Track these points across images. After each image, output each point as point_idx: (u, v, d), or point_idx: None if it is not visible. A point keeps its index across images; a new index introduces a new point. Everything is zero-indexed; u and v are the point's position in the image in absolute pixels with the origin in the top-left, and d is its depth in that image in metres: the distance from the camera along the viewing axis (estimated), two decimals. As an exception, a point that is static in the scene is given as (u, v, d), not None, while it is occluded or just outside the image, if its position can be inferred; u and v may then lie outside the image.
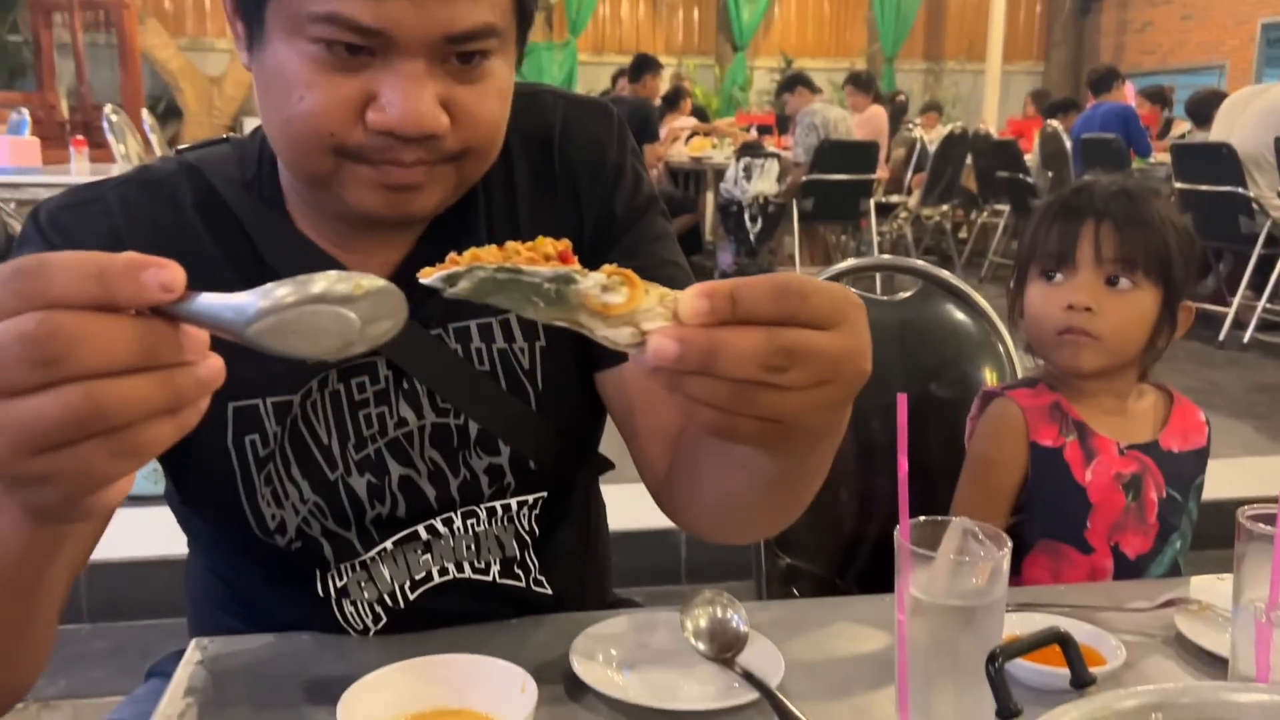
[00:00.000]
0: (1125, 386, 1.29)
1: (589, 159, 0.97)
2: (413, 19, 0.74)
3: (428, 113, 0.76)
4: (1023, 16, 15.41)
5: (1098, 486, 1.24)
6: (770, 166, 6.66)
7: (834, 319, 0.53)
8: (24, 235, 0.87)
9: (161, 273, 0.46)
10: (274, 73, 0.77)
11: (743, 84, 13.84)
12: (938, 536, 0.77)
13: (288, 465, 0.89)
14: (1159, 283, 1.23)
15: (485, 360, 0.93)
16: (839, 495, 1.46)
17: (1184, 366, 5.23)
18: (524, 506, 0.97)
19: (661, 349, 0.51)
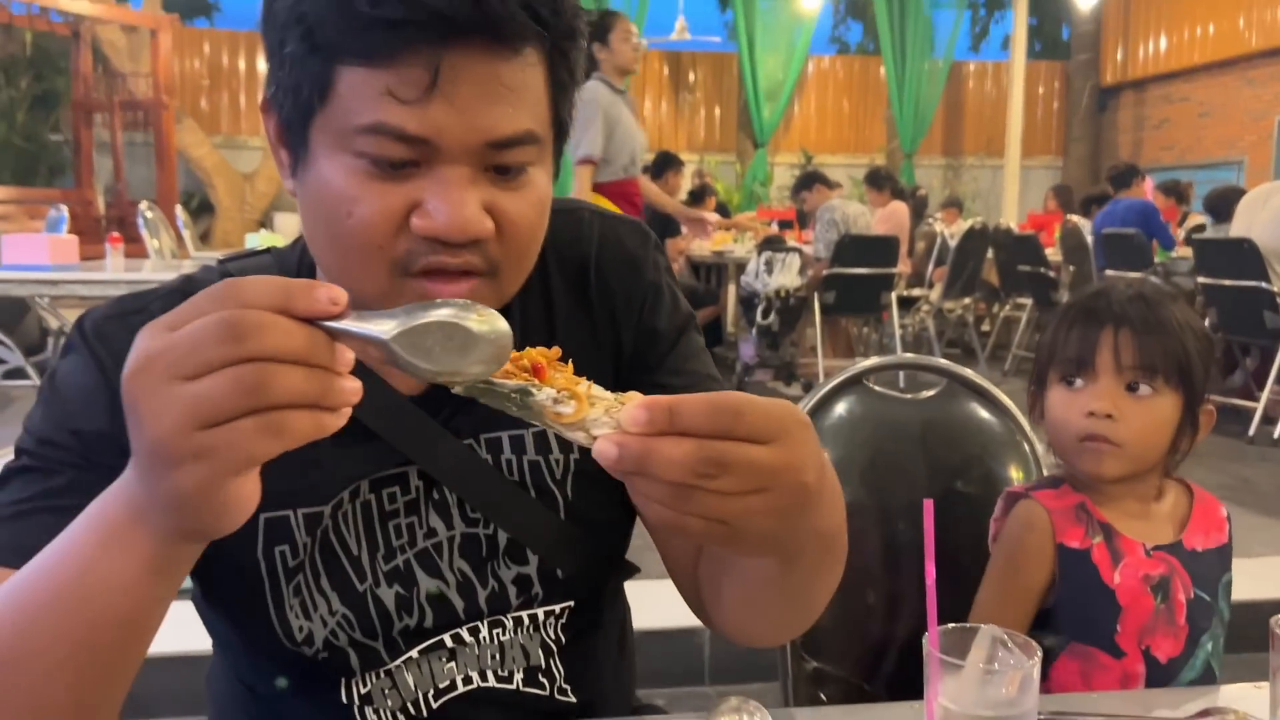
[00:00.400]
0: (1148, 490, 1.29)
1: (626, 280, 0.99)
2: (456, 126, 0.75)
3: (472, 217, 0.77)
4: (1040, 113, 15.65)
5: (1127, 589, 1.22)
6: (791, 260, 6.71)
7: (772, 434, 0.59)
8: (69, 344, 0.89)
9: (332, 290, 0.57)
10: (320, 192, 0.79)
11: (763, 179, 14.05)
12: (967, 644, 0.77)
13: (317, 576, 0.90)
14: (1179, 387, 1.23)
15: (515, 471, 0.94)
16: (866, 598, 1.44)
17: (1214, 463, 5.16)
18: (550, 616, 0.97)
19: (603, 452, 0.59)
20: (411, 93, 0.74)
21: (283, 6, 0.77)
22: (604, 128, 4.65)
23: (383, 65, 0.74)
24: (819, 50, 15.67)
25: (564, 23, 0.79)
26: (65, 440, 0.83)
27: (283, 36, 0.77)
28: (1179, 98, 14.19)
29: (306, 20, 0.75)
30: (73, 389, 0.85)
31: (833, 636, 1.43)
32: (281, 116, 0.81)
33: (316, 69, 0.76)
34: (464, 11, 0.72)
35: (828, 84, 15.53)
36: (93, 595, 0.65)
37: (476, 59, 0.75)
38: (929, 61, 14.55)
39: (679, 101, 14.97)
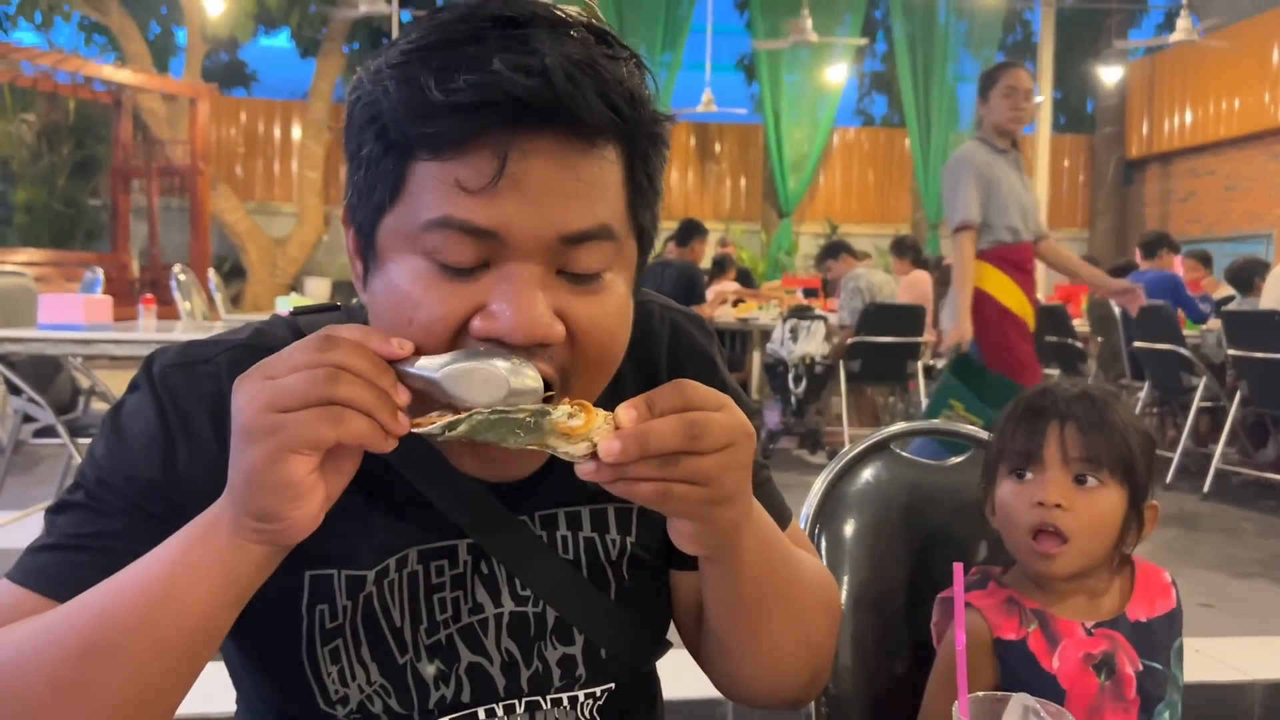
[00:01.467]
0: (1099, 585, 1.29)
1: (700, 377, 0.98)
2: (526, 219, 0.73)
3: (540, 318, 0.74)
4: (1066, 185, 15.71)
5: (1066, 672, 1.22)
6: (816, 328, 6.73)
7: (721, 402, 0.74)
8: (136, 381, 0.89)
9: (404, 341, 0.72)
10: (385, 295, 0.77)
11: (788, 249, 14.13)
12: (998, 713, 0.76)
13: (358, 645, 0.89)
14: (1124, 482, 1.25)
15: (569, 549, 0.94)
16: (893, 669, 1.42)
17: (1248, 538, 5.07)
18: (590, 698, 0.96)
19: (610, 448, 0.70)
20: (479, 181, 0.72)
21: (360, 108, 0.77)
22: (978, 189, 4.26)
23: (452, 156, 0.73)
24: (844, 122, 15.85)
25: (643, 120, 0.78)
26: (120, 485, 0.84)
27: (360, 139, 0.77)
28: (1205, 171, 14.21)
29: (382, 118, 0.74)
30: (133, 432, 0.86)
31: (858, 707, 1.41)
32: (355, 223, 0.80)
33: (390, 167, 0.75)
34: (535, 95, 0.71)
35: (853, 155, 15.68)
36: (178, 586, 0.73)
37: (548, 148, 0.73)
38: (954, 134, 14.65)
39: (705, 172, 15.14)
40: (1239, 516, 5.59)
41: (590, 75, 0.73)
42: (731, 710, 2.80)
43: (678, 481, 0.72)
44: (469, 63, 0.72)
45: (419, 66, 0.73)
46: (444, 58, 0.73)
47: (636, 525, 0.96)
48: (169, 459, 0.84)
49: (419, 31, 0.76)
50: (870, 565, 1.44)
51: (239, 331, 0.94)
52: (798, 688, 1.00)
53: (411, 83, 0.73)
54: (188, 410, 0.86)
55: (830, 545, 1.45)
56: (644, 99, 0.78)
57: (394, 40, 0.78)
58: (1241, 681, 3.03)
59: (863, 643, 1.42)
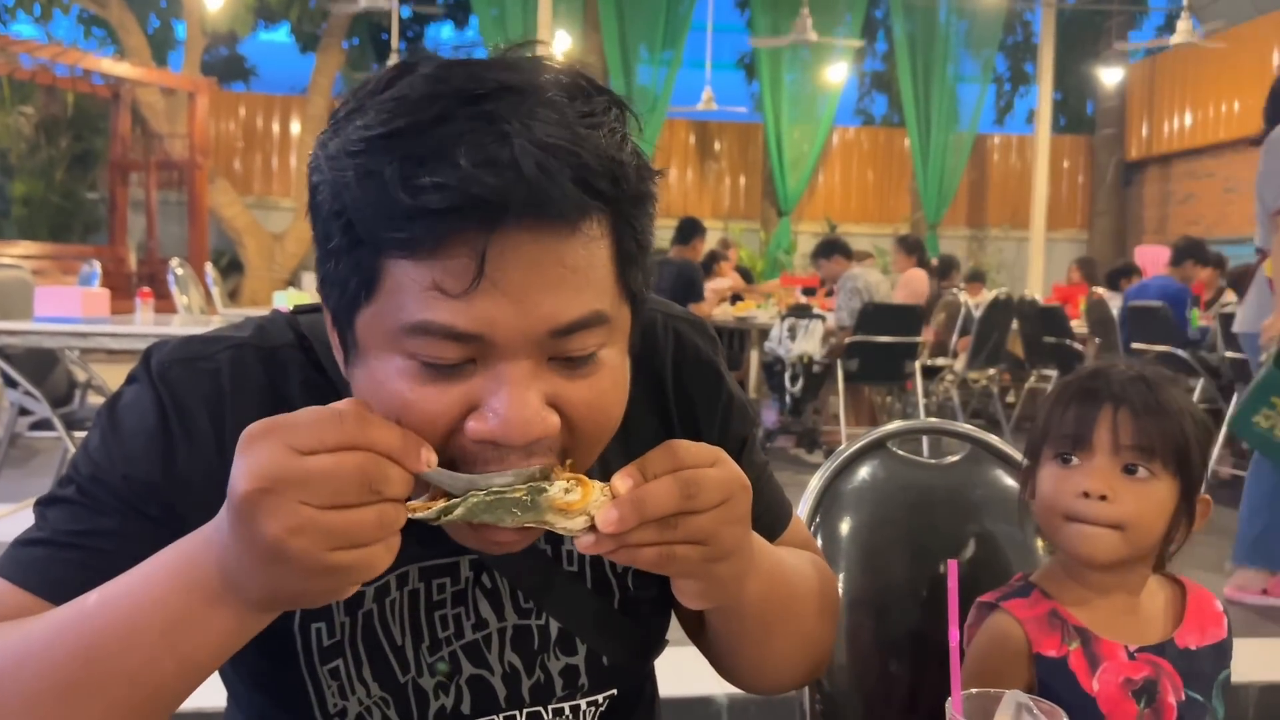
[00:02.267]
0: (1138, 582, 1.23)
1: (706, 389, 1.00)
2: (511, 318, 0.69)
3: (534, 419, 0.70)
4: (1065, 186, 15.71)
5: (1106, 696, 1.16)
6: (815, 327, 6.71)
7: (713, 457, 0.75)
8: (134, 374, 0.87)
9: (430, 455, 0.69)
10: (371, 391, 0.73)
11: (787, 247, 14.11)
12: (991, 710, 0.75)
13: (359, 666, 0.88)
14: (1176, 474, 1.19)
15: (574, 562, 0.93)
16: (888, 666, 1.42)
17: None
18: (591, 705, 0.96)
19: (608, 517, 0.70)
20: (457, 285, 0.67)
21: (324, 199, 0.71)
22: None
23: (429, 257, 0.67)
24: (844, 121, 15.83)
25: (628, 188, 0.72)
26: (115, 483, 0.82)
27: (327, 229, 0.72)
28: (1204, 173, 14.20)
29: (347, 212, 0.69)
30: (130, 429, 0.84)
31: (853, 706, 1.40)
32: (330, 308, 0.76)
33: (362, 262, 0.70)
34: (506, 194, 0.66)
35: (852, 154, 15.67)
36: (176, 644, 0.70)
37: (527, 241, 0.68)
38: (953, 134, 14.65)
39: (704, 170, 15.13)
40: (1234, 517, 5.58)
41: (565, 158, 0.67)
42: (726, 708, 2.80)
43: (678, 543, 0.72)
44: (433, 157, 0.66)
45: (381, 158, 0.67)
46: (406, 146, 0.67)
47: None
48: (168, 458, 0.83)
49: (377, 112, 0.69)
50: (867, 564, 1.43)
51: (240, 328, 0.91)
52: (798, 679, 1.05)
53: (375, 178, 0.67)
54: (187, 408, 0.84)
55: (827, 543, 1.44)
56: (627, 164, 0.72)
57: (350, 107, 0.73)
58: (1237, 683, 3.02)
59: (859, 641, 1.41)
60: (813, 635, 1.00)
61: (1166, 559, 1.24)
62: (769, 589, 0.88)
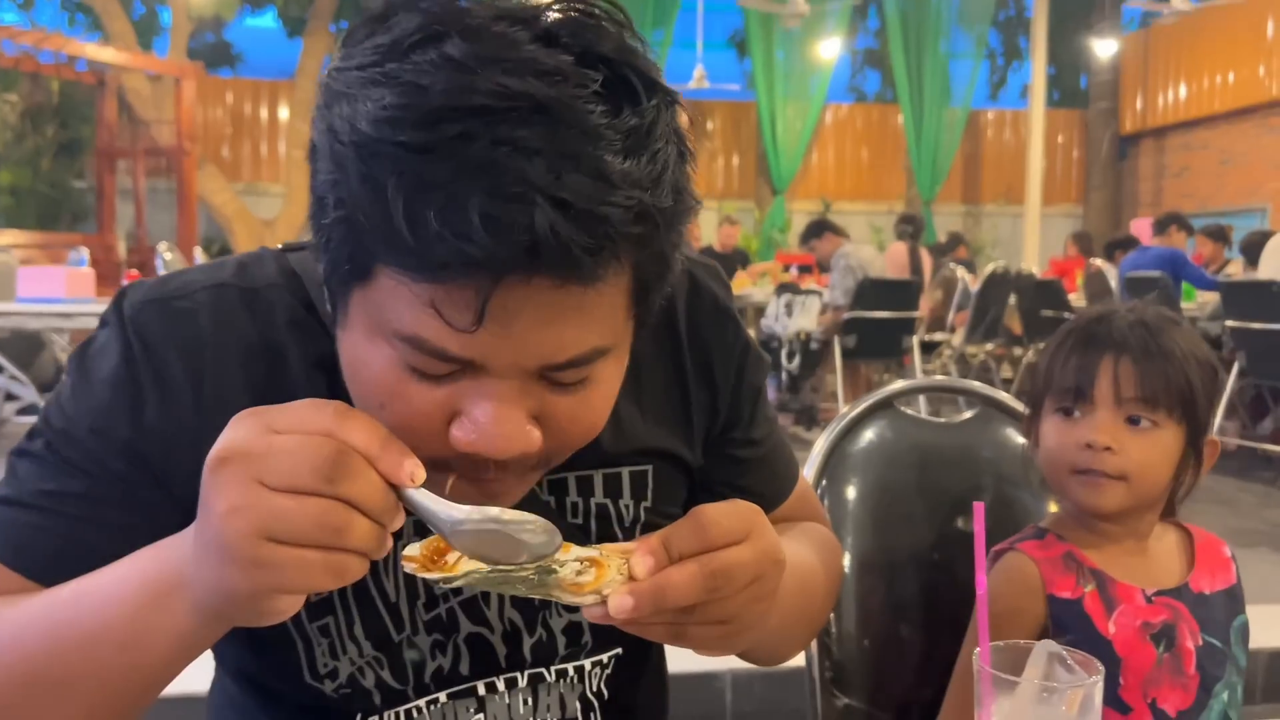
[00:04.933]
0: (1147, 527, 1.22)
1: (723, 335, 0.95)
2: (506, 353, 0.65)
3: (516, 435, 0.67)
4: (1060, 161, 15.66)
5: (1124, 639, 1.14)
6: (811, 303, 6.68)
7: (745, 532, 0.67)
8: (105, 317, 0.82)
9: (416, 469, 0.62)
10: (356, 365, 0.70)
11: (782, 226, 14.06)
12: (1021, 662, 0.70)
13: (350, 624, 0.84)
14: (1182, 420, 1.16)
15: (580, 514, 0.89)
16: (898, 630, 1.37)
17: (1247, 509, 5.06)
18: (597, 666, 0.92)
19: (621, 605, 0.63)
20: (458, 320, 0.63)
21: (322, 171, 0.65)
22: None
23: (427, 281, 0.62)
24: (837, 98, 15.75)
25: (661, 226, 0.65)
26: (83, 437, 0.77)
27: (322, 201, 0.66)
28: (1199, 145, 14.16)
29: (345, 206, 0.63)
30: (99, 375, 0.79)
31: (863, 672, 1.36)
32: (324, 269, 0.70)
33: (356, 254, 0.65)
34: (519, 259, 0.60)
35: (846, 132, 15.60)
36: (128, 645, 0.67)
37: (535, 293, 0.63)
38: (947, 110, 14.59)
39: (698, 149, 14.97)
40: (1237, 488, 5.58)
41: (589, 224, 0.61)
42: (730, 683, 2.77)
43: (696, 624, 0.67)
44: (444, 189, 0.59)
45: (386, 166, 0.60)
46: (416, 163, 0.60)
47: (653, 491, 0.92)
48: (135, 409, 0.77)
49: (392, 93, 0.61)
50: (875, 527, 1.39)
51: (222, 266, 0.85)
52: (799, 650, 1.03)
53: (377, 190, 0.60)
54: (159, 353, 0.78)
55: (834, 507, 1.40)
56: (663, 198, 0.65)
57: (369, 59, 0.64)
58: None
59: (868, 606, 1.37)
60: (819, 618, 0.99)
61: (1175, 504, 1.23)
62: (785, 608, 0.81)
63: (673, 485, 0.94)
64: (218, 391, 0.78)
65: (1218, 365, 1.23)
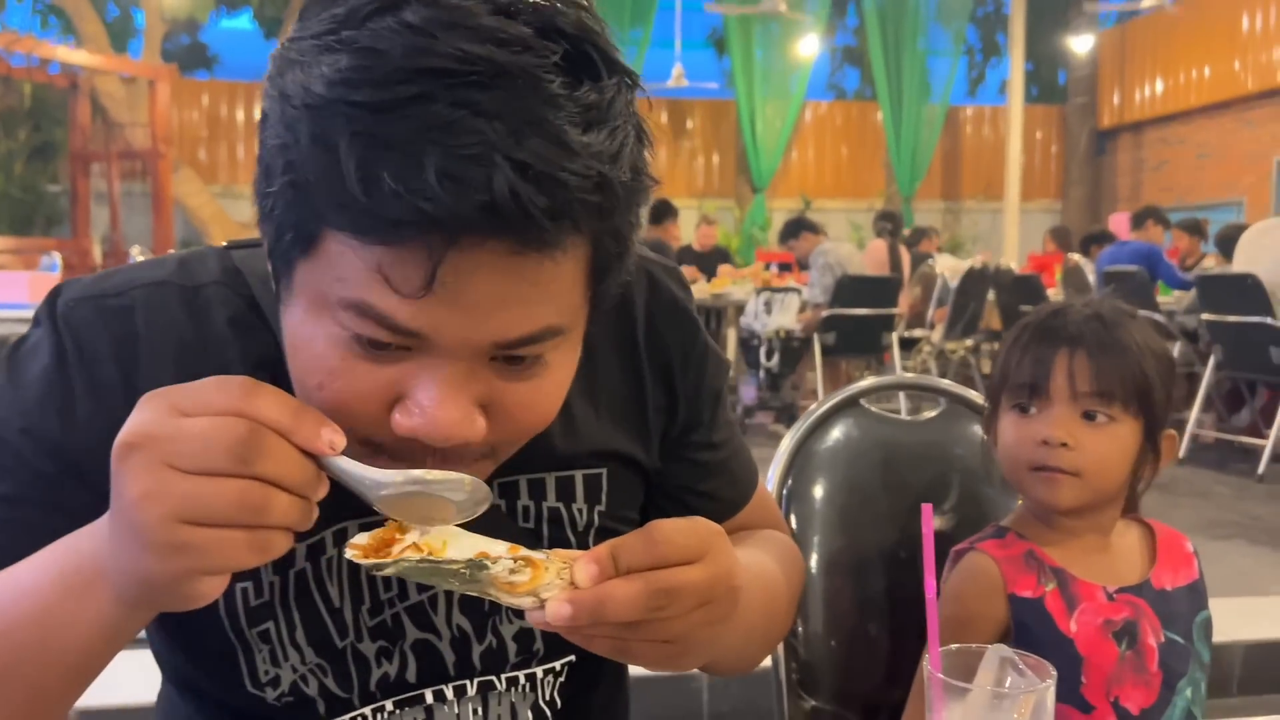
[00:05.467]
0: (1109, 523, 1.21)
1: (681, 334, 0.94)
2: (457, 327, 0.62)
3: (462, 422, 0.65)
4: (1038, 156, 15.74)
5: (1085, 637, 1.13)
6: (790, 300, 6.68)
7: (700, 552, 0.64)
8: (38, 315, 0.79)
9: (335, 436, 0.61)
10: (297, 344, 0.68)
11: (762, 224, 14.08)
12: (973, 666, 0.68)
13: (291, 629, 0.81)
14: (1139, 414, 1.15)
15: (531, 518, 0.86)
16: (866, 630, 1.36)
17: (1224, 501, 5.09)
18: (550, 675, 0.89)
19: (558, 612, 0.61)
20: (405, 285, 0.60)
21: (271, 137, 0.63)
22: None
23: (376, 243, 0.60)
24: (816, 96, 15.78)
25: (618, 203, 0.64)
26: (13, 439, 0.76)
27: (270, 168, 0.64)
28: (1177, 140, 14.25)
29: (293, 170, 0.61)
30: (29, 376, 0.77)
31: (831, 672, 1.35)
32: (267, 241, 0.68)
33: (302, 220, 0.63)
34: (474, 219, 0.58)
35: (825, 129, 15.63)
36: (47, 639, 0.66)
37: (489, 259, 0.61)
38: (926, 106, 14.64)
39: (677, 148, 15.05)
40: (1214, 480, 5.61)
41: (548, 187, 0.59)
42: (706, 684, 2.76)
43: (639, 641, 0.65)
44: (400, 148, 0.58)
45: (340, 125, 0.59)
46: (370, 123, 0.58)
47: (608, 495, 0.89)
48: (66, 410, 0.76)
49: (348, 56, 0.60)
50: (842, 525, 1.38)
51: (162, 264, 0.83)
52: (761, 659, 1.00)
53: (329, 150, 0.59)
54: (91, 353, 0.76)
55: (800, 505, 1.38)
56: (622, 172, 0.63)
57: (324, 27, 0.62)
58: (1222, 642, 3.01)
59: (835, 606, 1.36)
60: (781, 630, 0.97)
61: (1137, 499, 1.22)
62: (747, 623, 0.80)
63: (628, 489, 0.92)
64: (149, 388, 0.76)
65: (1173, 358, 1.22)
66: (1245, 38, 12.76)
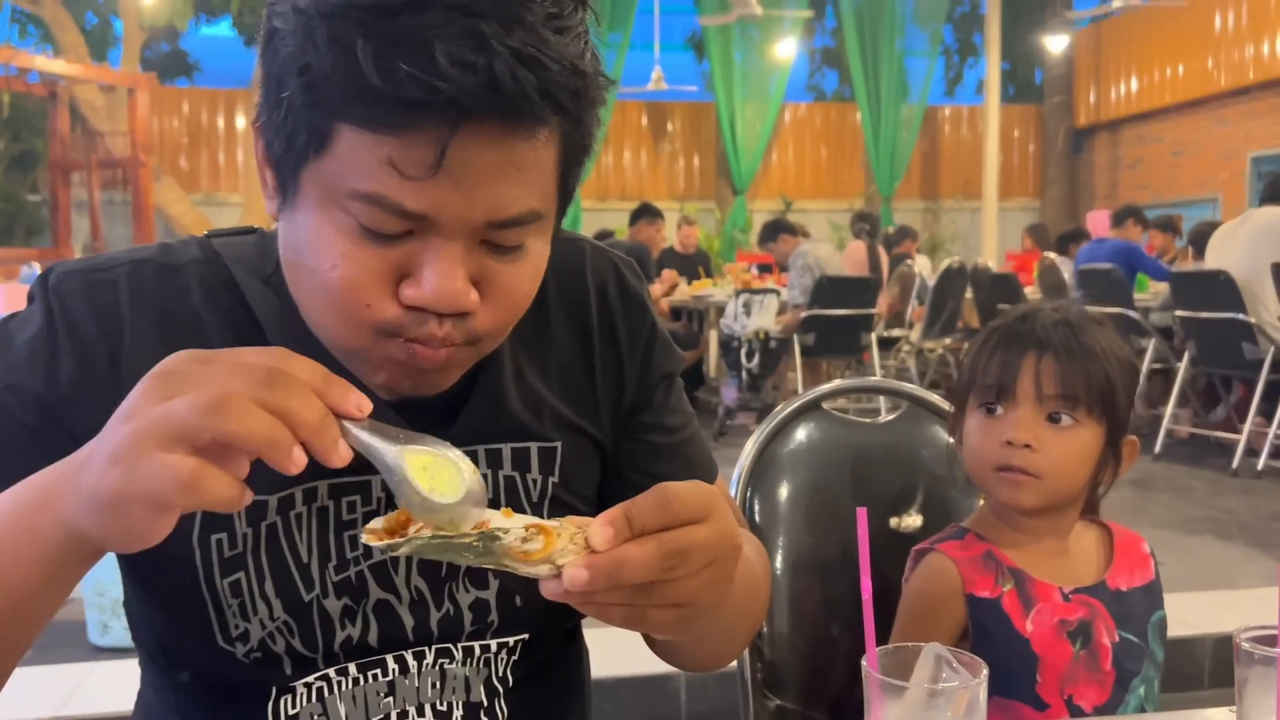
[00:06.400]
0: (1068, 525, 1.24)
1: (631, 318, 0.99)
2: (458, 205, 0.73)
3: (461, 290, 0.75)
4: (1016, 155, 15.81)
5: (1040, 636, 1.16)
6: (770, 302, 6.71)
7: (706, 511, 0.67)
8: (31, 292, 0.86)
9: (362, 400, 0.64)
10: (306, 238, 0.76)
11: (743, 226, 14.10)
12: (909, 665, 0.72)
13: (261, 580, 0.85)
14: (1101, 419, 1.19)
15: (489, 486, 0.90)
16: (829, 630, 1.39)
17: (1199, 496, 5.13)
18: (503, 649, 0.93)
19: (576, 578, 0.63)
20: (415, 170, 0.70)
21: (285, 47, 0.72)
22: None
23: (388, 135, 0.70)
24: (795, 98, 15.83)
25: (586, 100, 0.76)
26: (2, 396, 0.81)
27: (281, 77, 0.73)
28: (1152, 138, 14.35)
29: (310, 72, 0.70)
30: (20, 339, 0.83)
31: (794, 673, 1.38)
32: (272, 151, 0.77)
33: (315, 121, 0.72)
34: (478, 97, 0.69)
35: (805, 131, 15.67)
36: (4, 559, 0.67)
37: (486, 138, 0.71)
38: (904, 107, 14.69)
39: (658, 151, 15.08)
40: (1189, 476, 5.66)
41: (535, 69, 0.70)
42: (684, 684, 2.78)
43: (653, 607, 0.67)
44: (411, 43, 0.68)
45: (354, 28, 0.68)
46: (381, 25, 0.68)
47: (561, 468, 0.94)
48: (51, 368, 0.82)
49: None
50: (806, 527, 1.41)
51: (147, 247, 0.91)
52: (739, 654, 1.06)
53: (346, 49, 0.68)
54: (76, 319, 0.83)
55: (764, 508, 1.41)
56: (589, 74, 0.75)
57: None
58: (1193, 636, 3.06)
59: (800, 606, 1.39)
60: (759, 616, 1.00)
61: (1097, 501, 1.25)
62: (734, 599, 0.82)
63: (583, 464, 0.96)
64: (135, 353, 0.82)
65: (1136, 365, 1.26)
66: (1218, 36, 12.87)
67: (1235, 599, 3.52)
